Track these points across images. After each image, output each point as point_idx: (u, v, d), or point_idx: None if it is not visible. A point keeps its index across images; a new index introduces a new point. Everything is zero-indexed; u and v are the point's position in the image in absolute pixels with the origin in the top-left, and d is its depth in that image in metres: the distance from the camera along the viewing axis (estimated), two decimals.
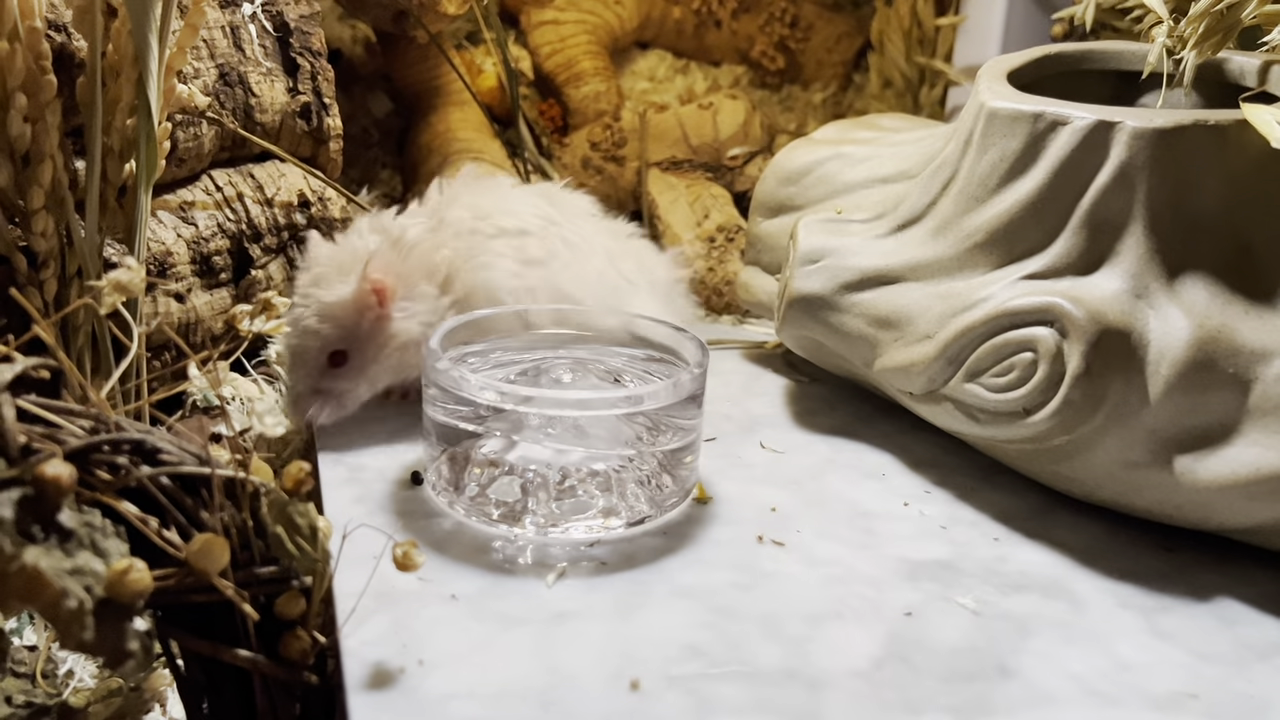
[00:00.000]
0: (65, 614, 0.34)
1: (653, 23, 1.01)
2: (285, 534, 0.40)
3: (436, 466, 0.50)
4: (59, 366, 0.42)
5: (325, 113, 0.66)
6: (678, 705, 0.37)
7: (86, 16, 0.51)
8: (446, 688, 0.37)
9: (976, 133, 0.54)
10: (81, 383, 0.39)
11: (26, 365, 0.39)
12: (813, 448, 0.59)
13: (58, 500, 0.36)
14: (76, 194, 0.52)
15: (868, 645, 0.41)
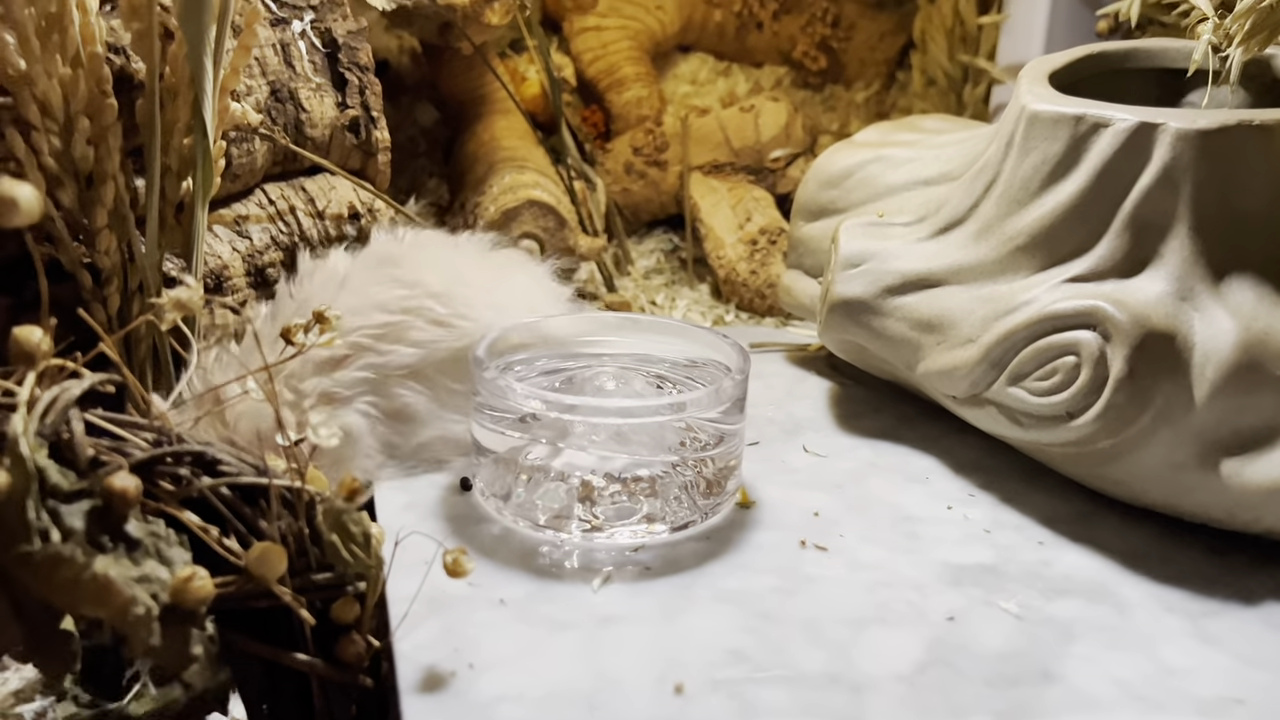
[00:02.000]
0: (133, 620, 0.36)
1: (694, 26, 1.01)
2: (340, 541, 0.41)
3: (484, 473, 0.51)
4: (123, 381, 0.44)
5: (373, 126, 0.67)
6: (721, 709, 0.38)
7: (145, 40, 0.52)
8: (496, 691, 0.38)
9: (1018, 135, 0.54)
10: (144, 396, 0.41)
11: (93, 381, 0.41)
12: (856, 451, 0.59)
13: (124, 511, 0.38)
14: (136, 212, 0.53)
15: (911, 649, 0.42)
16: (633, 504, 0.49)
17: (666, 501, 0.49)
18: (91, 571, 0.35)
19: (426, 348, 0.53)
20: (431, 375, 0.54)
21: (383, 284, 0.54)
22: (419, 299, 0.53)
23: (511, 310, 0.55)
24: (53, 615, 0.37)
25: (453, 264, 0.56)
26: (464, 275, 0.56)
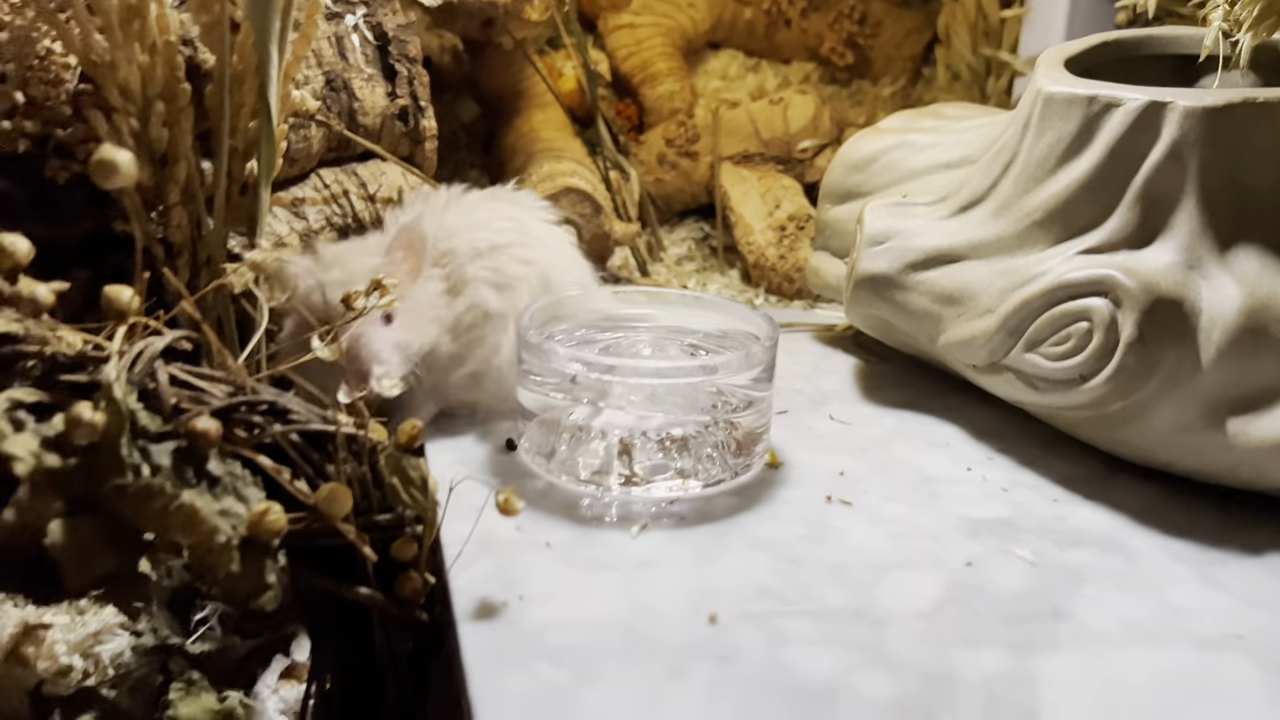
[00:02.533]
0: (216, 548, 0.39)
1: (724, 24, 1.05)
2: (400, 485, 0.45)
3: (529, 433, 0.54)
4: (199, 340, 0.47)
5: (421, 115, 0.71)
6: (753, 636, 0.41)
7: (213, 32, 0.56)
8: (544, 619, 0.42)
9: (1034, 117, 0.57)
10: (222, 351, 0.45)
11: (174, 336, 0.45)
12: (880, 420, 0.62)
13: (206, 450, 0.41)
14: (204, 191, 0.57)
15: (930, 590, 0.44)
16: (667, 461, 0.52)
17: (699, 459, 0.52)
18: (180, 502, 0.39)
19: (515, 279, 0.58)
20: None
21: (485, 211, 0.59)
22: (520, 234, 0.59)
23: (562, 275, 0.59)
24: (142, 543, 0.40)
25: (526, 219, 0.61)
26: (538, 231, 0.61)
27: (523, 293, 0.58)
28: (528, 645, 0.40)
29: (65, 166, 0.55)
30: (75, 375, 0.43)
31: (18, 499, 0.38)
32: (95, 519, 0.40)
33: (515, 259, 0.58)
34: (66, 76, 0.55)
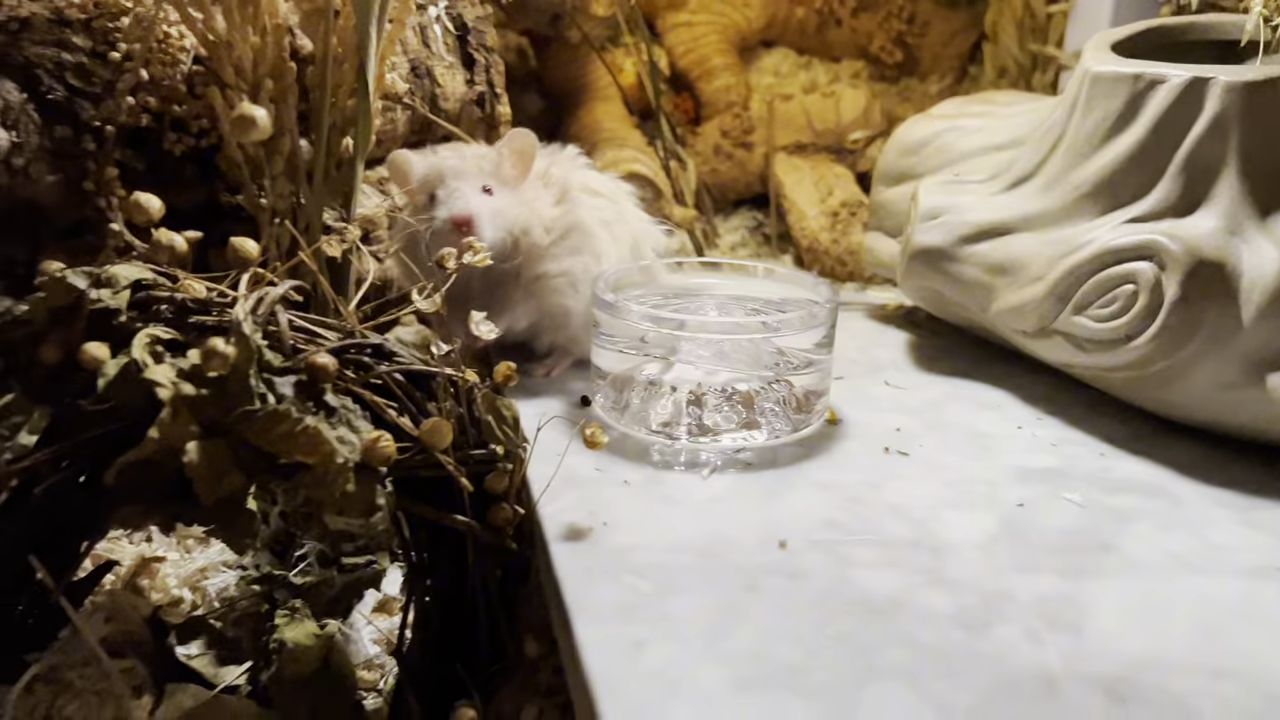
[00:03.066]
0: (335, 468, 0.44)
1: (777, 22, 1.08)
2: (494, 422, 0.49)
3: (604, 389, 0.58)
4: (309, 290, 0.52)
5: (496, 101, 0.75)
6: (820, 560, 0.44)
7: (312, 18, 0.61)
8: (627, 542, 0.45)
9: (1082, 96, 0.60)
10: (335, 299, 0.49)
11: (289, 285, 0.49)
12: (933, 386, 0.65)
13: (324, 383, 0.46)
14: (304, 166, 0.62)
15: (984, 525, 0.48)
16: (733, 413, 0.56)
17: (763, 413, 0.56)
18: (304, 425, 0.43)
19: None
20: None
21: (591, 171, 0.66)
22: (618, 194, 0.66)
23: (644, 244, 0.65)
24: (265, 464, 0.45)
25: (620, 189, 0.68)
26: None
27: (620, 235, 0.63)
28: (614, 562, 0.44)
29: (180, 140, 0.60)
30: (202, 317, 0.48)
31: (160, 420, 0.42)
32: (225, 442, 0.44)
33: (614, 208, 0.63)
34: (182, 58, 0.60)
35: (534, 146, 0.62)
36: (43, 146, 0.56)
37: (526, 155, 0.62)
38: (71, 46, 0.58)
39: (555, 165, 0.64)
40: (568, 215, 0.63)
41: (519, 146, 0.62)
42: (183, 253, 0.48)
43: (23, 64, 0.56)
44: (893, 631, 0.39)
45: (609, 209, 0.65)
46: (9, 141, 0.55)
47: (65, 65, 0.57)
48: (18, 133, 0.56)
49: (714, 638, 0.38)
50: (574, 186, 0.64)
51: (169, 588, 0.58)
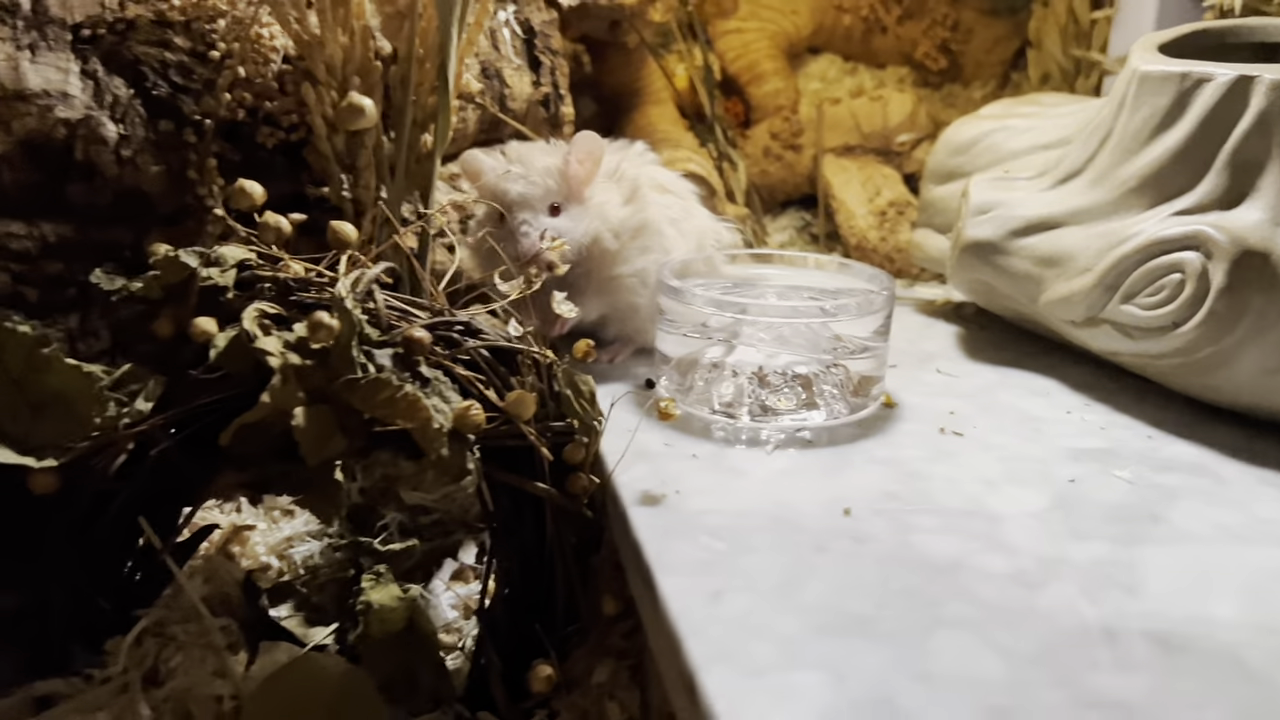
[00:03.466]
0: (432, 432, 0.47)
1: (824, 29, 1.11)
2: (572, 396, 0.52)
3: (668, 372, 0.61)
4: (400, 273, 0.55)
5: (560, 102, 0.79)
6: (882, 525, 0.47)
7: (392, 21, 0.65)
8: (699, 507, 0.48)
9: (1129, 94, 0.62)
10: (426, 279, 0.52)
11: (384, 267, 0.53)
12: (983, 374, 0.68)
13: (419, 355, 0.49)
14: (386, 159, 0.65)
15: (1038, 498, 0.50)
16: (793, 394, 0.58)
17: (822, 395, 0.59)
18: (404, 392, 0.46)
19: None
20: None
21: (650, 165, 0.68)
22: (685, 191, 0.68)
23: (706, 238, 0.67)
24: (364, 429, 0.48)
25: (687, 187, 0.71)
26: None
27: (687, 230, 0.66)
28: (689, 524, 0.47)
29: (272, 134, 0.64)
30: (302, 295, 0.51)
31: (272, 386, 0.46)
32: (328, 409, 0.47)
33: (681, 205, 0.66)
34: (273, 57, 0.64)
35: (601, 148, 0.64)
36: (148, 139, 0.60)
37: (594, 156, 0.64)
38: (173, 46, 0.62)
39: (625, 161, 0.67)
40: (637, 214, 0.65)
41: (586, 148, 0.64)
42: (288, 234, 0.51)
43: (131, 62, 0.60)
44: (955, 588, 0.42)
45: (676, 205, 0.68)
46: (118, 134, 0.59)
47: (168, 63, 0.61)
48: (125, 126, 0.59)
49: (787, 591, 0.41)
50: (643, 184, 0.66)
51: (258, 555, 0.61)
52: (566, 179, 0.63)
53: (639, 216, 0.65)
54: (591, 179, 0.64)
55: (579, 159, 0.63)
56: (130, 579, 0.55)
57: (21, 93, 0.56)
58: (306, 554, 0.61)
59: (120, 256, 0.60)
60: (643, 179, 0.66)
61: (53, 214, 0.58)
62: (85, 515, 0.52)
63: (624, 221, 0.64)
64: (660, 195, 0.67)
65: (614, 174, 0.66)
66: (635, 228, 0.65)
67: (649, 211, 0.66)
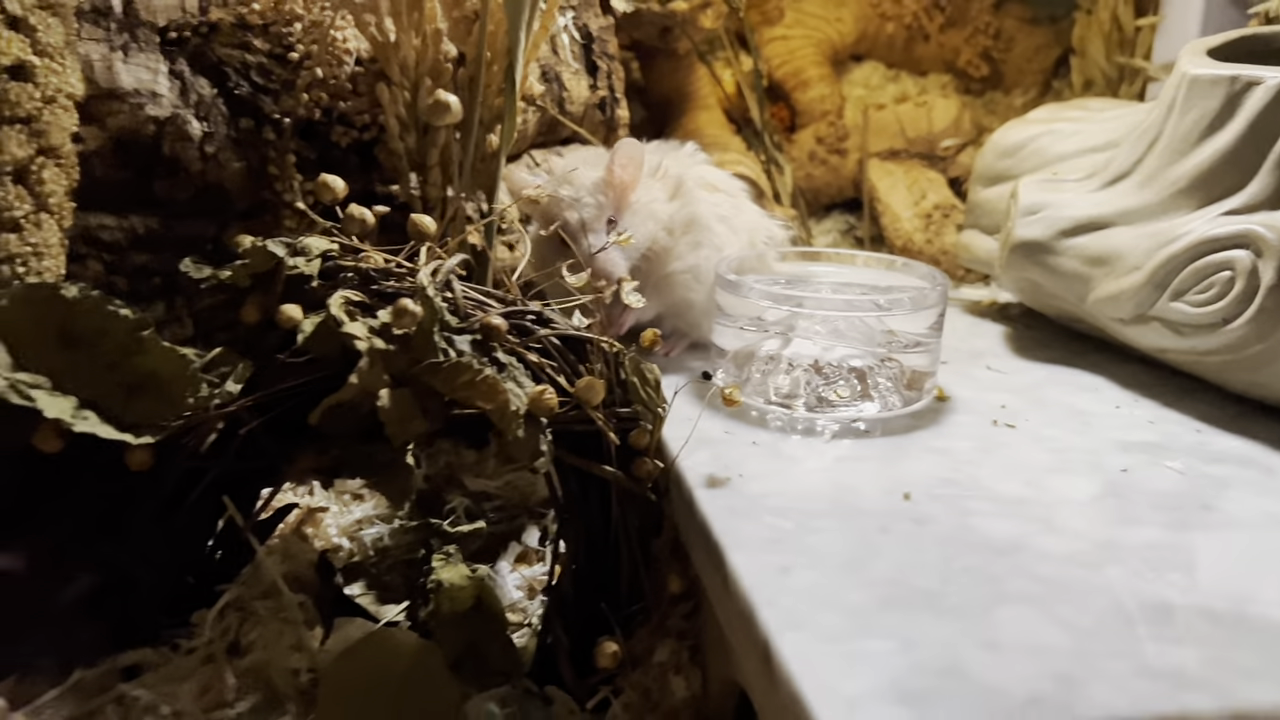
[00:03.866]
0: (509, 414, 0.49)
1: (868, 37, 1.13)
2: (639, 383, 0.54)
3: (725, 364, 0.63)
4: (473, 265, 0.57)
5: (616, 105, 0.81)
6: (942, 509, 0.48)
7: (459, 25, 0.67)
8: (763, 490, 0.50)
9: (1179, 97, 0.64)
10: (500, 270, 0.55)
11: (460, 259, 0.55)
12: (1032, 371, 0.69)
13: (495, 342, 0.51)
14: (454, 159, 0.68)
15: (1090, 487, 0.52)
16: (848, 387, 0.60)
17: (876, 387, 0.60)
18: (484, 375, 0.48)
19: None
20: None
21: (700, 165, 0.70)
22: (735, 190, 0.70)
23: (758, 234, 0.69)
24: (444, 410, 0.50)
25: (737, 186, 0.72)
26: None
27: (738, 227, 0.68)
28: (754, 505, 0.48)
29: (346, 133, 0.66)
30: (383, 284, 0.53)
31: (360, 369, 0.48)
32: (411, 391, 0.50)
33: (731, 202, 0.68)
34: (346, 59, 0.67)
35: (642, 152, 0.65)
36: (229, 136, 0.63)
37: (636, 161, 0.65)
38: (253, 48, 0.64)
39: (669, 159, 0.69)
40: (684, 209, 0.67)
41: (628, 154, 0.64)
42: (371, 226, 0.54)
43: (214, 63, 0.63)
44: (1015, 567, 0.43)
45: (726, 203, 0.70)
46: (202, 131, 0.62)
47: (249, 65, 0.64)
48: (209, 124, 0.62)
49: (853, 567, 0.43)
50: (688, 180, 0.68)
51: (329, 536, 0.64)
52: (613, 188, 0.64)
53: (686, 211, 0.67)
54: (636, 183, 0.66)
55: (621, 165, 0.64)
56: (212, 556, 0.57)
57: (115, 91, 0.59)
58: (376, 536, 0.64)
59: (202, 249, 0.63)
60: (689, 176, 0.68)
61: (140, 207, 0.61)
62: (173, 493, 0.54)
63: (672, 216, 0.66)
64: (710, 193, 0.69)
65: (656, 172, 0.68)
66: (685, 222, 0.67)
67: (697, 207, 0.68)
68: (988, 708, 0.34)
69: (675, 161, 0.70)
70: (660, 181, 0.68)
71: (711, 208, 0.69)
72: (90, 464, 0.53)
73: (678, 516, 0.53)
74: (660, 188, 0.67)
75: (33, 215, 0.52)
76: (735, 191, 0.71)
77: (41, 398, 0.47)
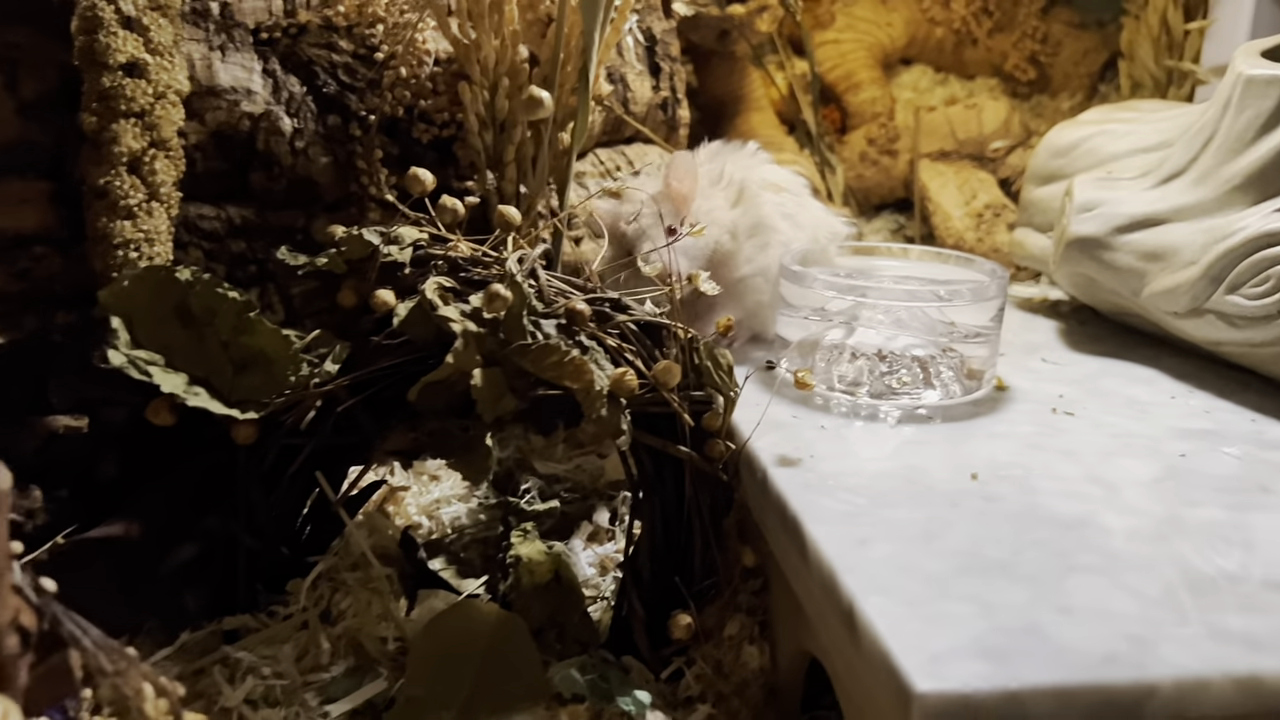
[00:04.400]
0: (594, 394, 0.52)
1: (917, 41, 1.15)
2: (712, 368, 0.56)
3: (789, 354, 0.65)
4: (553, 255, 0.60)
5: (678, 105, 0.84)
6: (1009, 488, 0.50)
7: (533, 27, 0.70)
8: (835, 470, 0.52)
9: (1234, 97, 0.66)
10: (582, 259, 0.57)
11: (544, 249, 0.58)
12: (1087, 363, 0.71)
13: (579, 326, 0.54)
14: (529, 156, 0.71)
15: (1150, 470, 0.53)
16: (910, 375, 0.62)
17: (938, 376, 0.62)
18: (571, 356, 0.51)
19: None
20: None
21: (763, 165, 0.71)
22: (796, 190, 0.71)
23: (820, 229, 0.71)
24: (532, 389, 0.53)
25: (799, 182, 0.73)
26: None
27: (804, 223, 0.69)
28: (828, 483, 0.51)
29: (426, 130, 0.69)
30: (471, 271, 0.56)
31: (455, 349, 0.51)
32: (501, 371, 0.52)
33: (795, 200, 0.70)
34: (427, 59, 0.70)
35: (693, 162, 0.67)
36: (318, 132, 0.66)
37: (691, 173, 0.67)
38: (339, 49, 0.68)
39: (731, 162, 0.71)
40: (749, 214, 0.69)
41: (683, 168, 0.66)
42: (462, 216, 0.57)
43: (304, 62, 0.66)
44: (1082, 541, 0.45)
45: (791, 202, 0.72)
46: (293, 127, 0.65)
47: (336, 64, 0.67)
48: (299, 120, 0.65)
49: (929, 539, 0.45)
50: (751, 184, 0.70)
51: (410, 514, 0.66)
52: (670, 200, 0.66)
53: (751, 215, 0.69)
54: (694, 194, 0.67)
55: (678, 179, 0.66)
56: (303, 529, 0.60)
57: (214, 88, 0.62)
58: (454, 514, 0.66)
59: (293, 238, 0.66)
60: (752, 179, 0.70)
61: (237, 199, 0.64)
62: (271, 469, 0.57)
63: (735, 222, 0.68)
64: (774, 194, 0.71)
65: (719, 181, 0.69)
66: (750, 226, 0.68)
67: (761, 209, 0.69)
68: (1066, 664, 0.36)
69: (737, 163, 0.72)
70: (723, 190, 0.69)
71: (776, 207, 0.71)
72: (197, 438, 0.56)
73: (749, 495, 0.55)
74: (722, 196, 0.69)
75: (145, 203, 0.56)
76: (799, 189, 0.74)
77: (157, 373, 0.51)
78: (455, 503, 0.68)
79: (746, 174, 0.71)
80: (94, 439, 0.58)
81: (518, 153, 0.69)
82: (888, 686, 0.37)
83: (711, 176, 0.70)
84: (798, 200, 0.73)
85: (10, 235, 0.56)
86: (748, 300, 0.69)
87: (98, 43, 0.54)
